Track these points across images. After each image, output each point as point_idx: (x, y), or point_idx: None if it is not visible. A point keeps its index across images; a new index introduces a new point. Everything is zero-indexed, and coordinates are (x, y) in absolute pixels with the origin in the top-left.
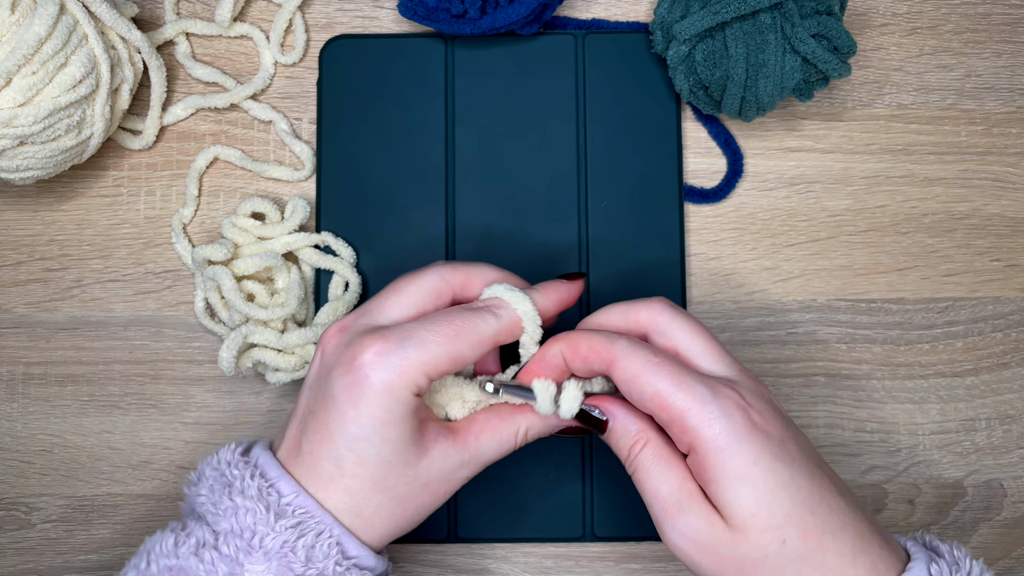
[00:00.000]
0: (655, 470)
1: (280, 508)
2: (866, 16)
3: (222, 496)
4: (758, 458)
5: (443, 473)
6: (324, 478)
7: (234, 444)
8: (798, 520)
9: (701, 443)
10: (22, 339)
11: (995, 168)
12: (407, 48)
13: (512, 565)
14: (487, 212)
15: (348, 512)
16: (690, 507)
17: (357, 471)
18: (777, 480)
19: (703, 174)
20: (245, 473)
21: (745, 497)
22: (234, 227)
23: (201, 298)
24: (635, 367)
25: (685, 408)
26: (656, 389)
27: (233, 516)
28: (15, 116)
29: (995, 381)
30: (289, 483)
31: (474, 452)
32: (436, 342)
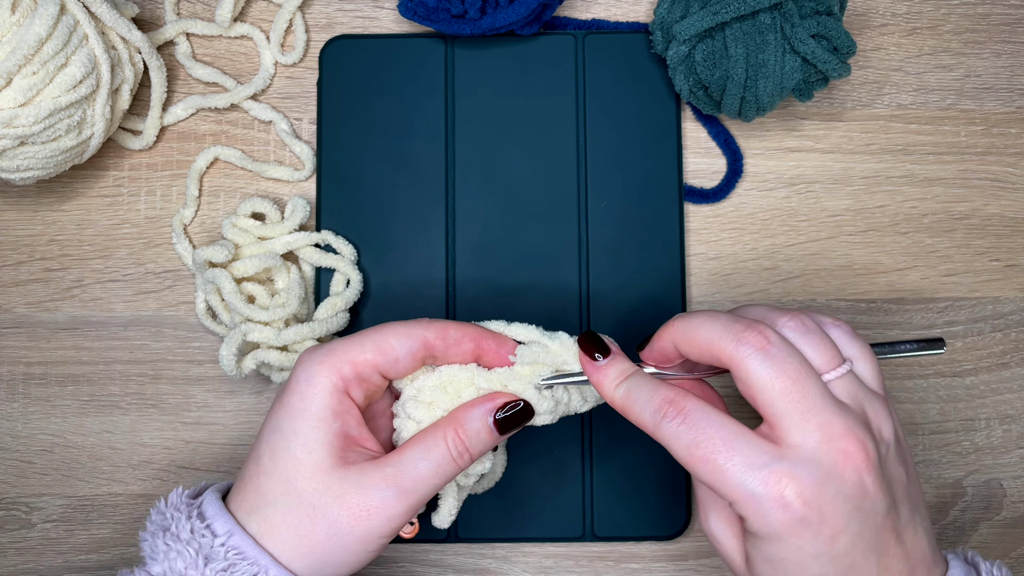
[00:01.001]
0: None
1: (212, 551)
2: (866, 16)
3: (157, 539)
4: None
5: (360, 488)
6: (245, 478)
7: (182, 488)
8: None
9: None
10: (22, 339)
11: (995, 168)
12: (407, 48)
13: (512, 565)
14: (487, 212)
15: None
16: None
17: (269, 467)
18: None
19: (703, 174)
20: (182, 515)
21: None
22: (234, 227)
23: (202, 300)
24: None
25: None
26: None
27: (165, 559)
28: (15, 116)
29: (995, 381)
30: (225, 522)
31: (397, 466)
32: (363, 335)
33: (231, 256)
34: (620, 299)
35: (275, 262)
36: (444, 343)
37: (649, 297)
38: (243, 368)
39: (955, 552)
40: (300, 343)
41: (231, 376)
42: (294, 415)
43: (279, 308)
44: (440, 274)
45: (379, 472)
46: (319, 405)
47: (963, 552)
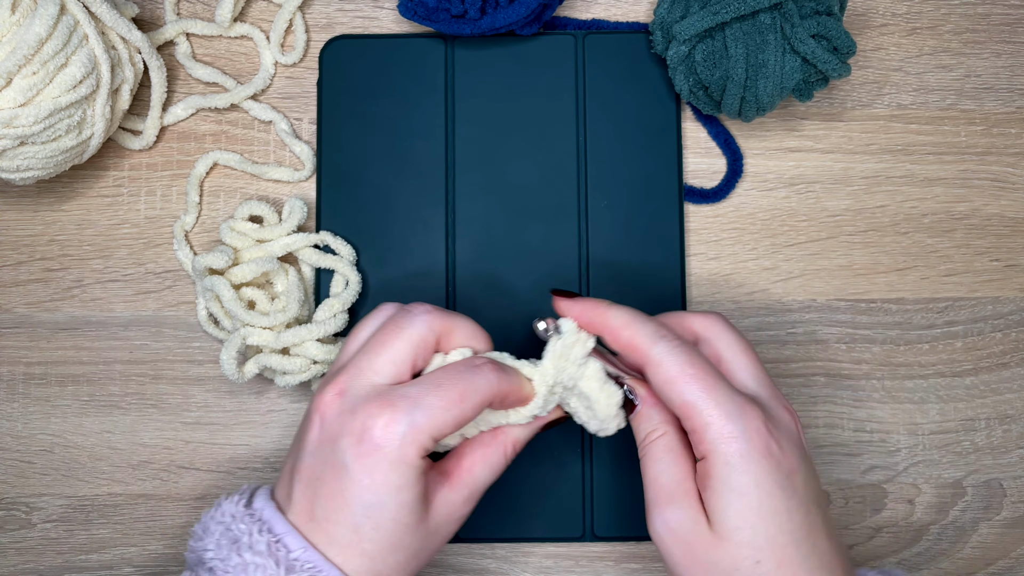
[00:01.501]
0: (663, 459)
1: (290, 563)
2: (866, 16)
3: (230, 552)
4: (760, 481)
5: (448, 516)
6: (342, 543)
7: (236, 496)
8: (779, 548)
9: (714, 456)
10: (22, 339)
11: (995, 168)
12: (407, 48)
13: (512, 565)
14: (487, 212)
15: (367, 572)
16: (681, 501)
17: (374, 535)
18: (772, 506)
19: (703, 174)
20: (252, 528)
21: (735, 510)
22: (232, 231)
23: (203, 307)
24: (670, 374)
25: (708, 422)
26: (685, 399)
27: (243, 572)
28: (16, 116)
29: (994, 381)
30: (296, 538)
31: (471, 486)
32: (442, 407)
33: (231, 262)
34: (620, 299)
35: (273, 266)
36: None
37: (649, 297)
38: (245, 373)
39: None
40: (300, 345)
41: (233, 380)
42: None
43: (279, 313)
44: (440, 274)
45: (459, 496)
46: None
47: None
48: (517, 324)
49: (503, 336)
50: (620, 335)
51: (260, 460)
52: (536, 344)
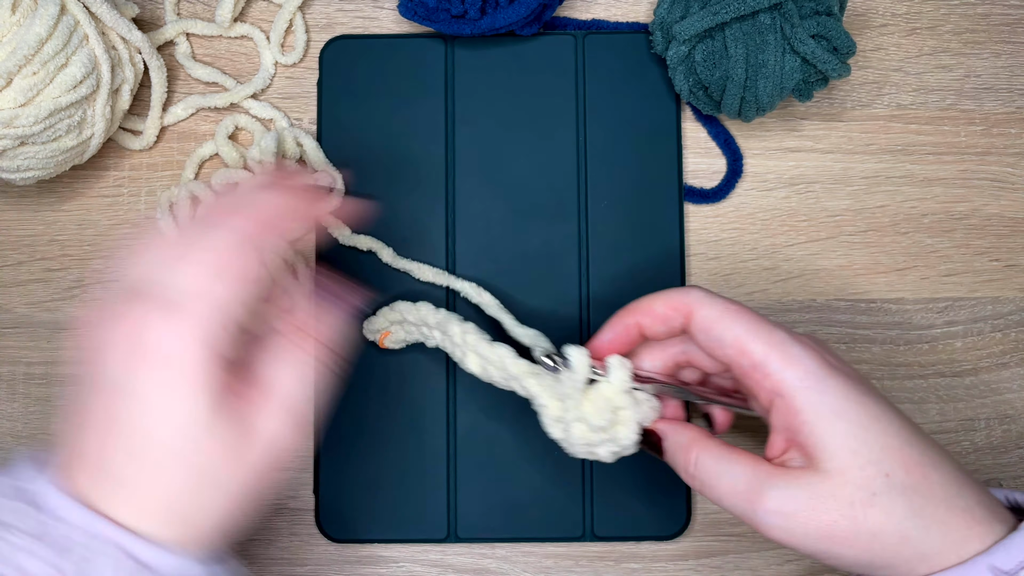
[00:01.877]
0: (721, 470)
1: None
2: (866, 16)
3: None
4: (847, 393)
5: (250, 438)
6: (107, 474)
7: None
8: (897, 452)
9: (787, 385)
10: (23, 339)
11: (994, 168)
12: (407, 48)
13: (512, 565)
14: (487, 212)
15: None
16: (775, 483)
17: (127, 462)
18: (870, 414)
19: (703, 174)
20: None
21: (843, 432)
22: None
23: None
24: (714, 314)
25: (767, 352)
26: (735, 334)
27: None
28: (16, 116)
29: (994, 381)
30: (78, 509)
31: (281, 396)
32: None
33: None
34: (620, 299)
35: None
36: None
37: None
38: None
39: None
40: None
41: None
42: (158, 412)
43: None
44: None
45: (267, 408)
46: (190, 398)
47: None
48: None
49: (502, 334)
50: (655, 309)
51: None
52: None
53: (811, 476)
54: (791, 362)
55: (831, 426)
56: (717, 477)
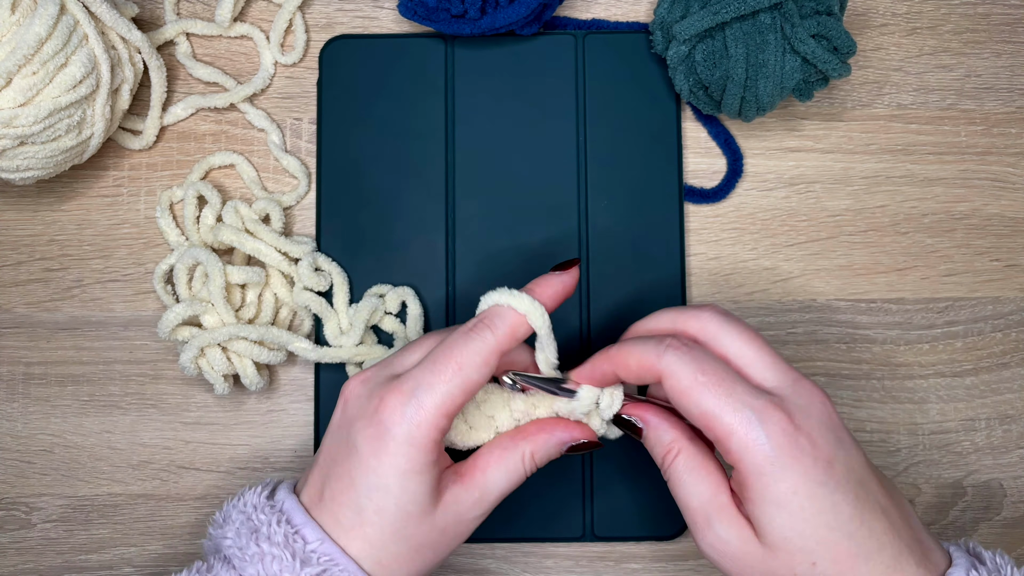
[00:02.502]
0: (687, 480)
1: (305, 555)
2: (866, 16)
3: (249, 541)
4: (799, 485)
5: (458, 516)
6: (345, 526)
7: (259, 487)
8: (832, 545)
9: (743, 466)
10: (22, 339)
11: (995, 168)
12: (407, 48)
13: (512, 565)
14: (487, 212)
15: (368, 559)
16: (720, 519)
17: (376, 520)
18: (816, 507)
19: (703, 174)
20: (272, 519)
21: (780, 522)
22: (235, 213)
23: (167, 265)
24: (683, 385)
25: (730, 432)
26: (702, 410)
27: (260, 562)
28: (15, 116)
29: (995, 381)
30: (314, 530)
31: (483, 488)
32: (443, 381)
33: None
34: (620, 299)
35: (259, 279)
36: (509, 358)
37: (649, 297)
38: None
39: (956, 544)
40: (243, 343)
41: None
42: (401, 475)
43: (246, 325)
44: (440, 274)
45: (470, 497)
46: (423, 463)
47: (964, 543)
48: None
49: None
50: (629, 365)
51: (260, 460)
52: None
53: (749, 533)
54: (749, 448)
55: (771, 513)
56: (682, 485)
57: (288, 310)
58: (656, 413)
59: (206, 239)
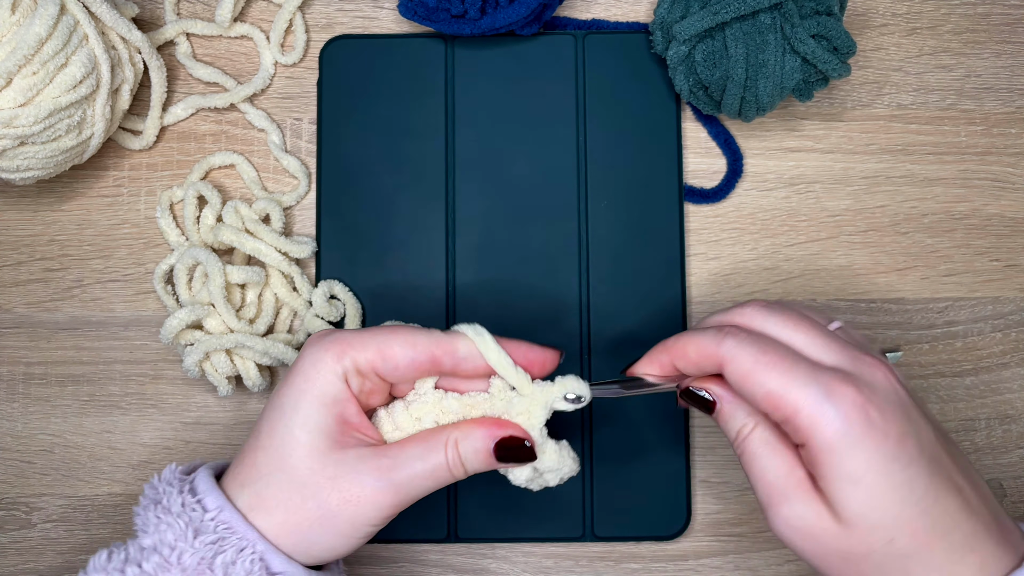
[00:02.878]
0: (763, 455)
1: (202, 524)
2: (866, 16)
3: (149, 512)
4: (872, 460)
5: (356, 474)
6: (243, 454)
7: (175, 464)
8: (908, 521)
9: (814, 443)
10: (22, 339)
11: (995, 168)
12: (407, 48)
13: (512, 565)
14: (487, 212)
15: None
16: (796, 496)
17: (266, 443)
18: (891, 482)
19: (703, 174)
20: (174, 489)
21: (855, 499)
22: (235, 213)
23: (167, 265)
24: (744, 367)
25: (797, 409)
26: (767, 390)
27: (156, 532)
28: (15, 116)
29: (994, 381)
30: (216, 498)
31: (393, 459)
32: (370, 333)
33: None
34: (620, 299)
35: (258, 279)
36: (452, 360)
37: (649, 297)
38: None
39: None
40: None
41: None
42: (297, 395)
43: (245, 323)
44: (440, 274)
45: (375, 461)
46: (321, 389)
47: None
48: (516, 323)
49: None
50: (688, 354)
51: None
52: None
53: (824, 511)
54: (818, 424)
55: (846, 490)
56: (756, 458)
57: (289, 310)
58: (728, 389)
59: (206, 239)
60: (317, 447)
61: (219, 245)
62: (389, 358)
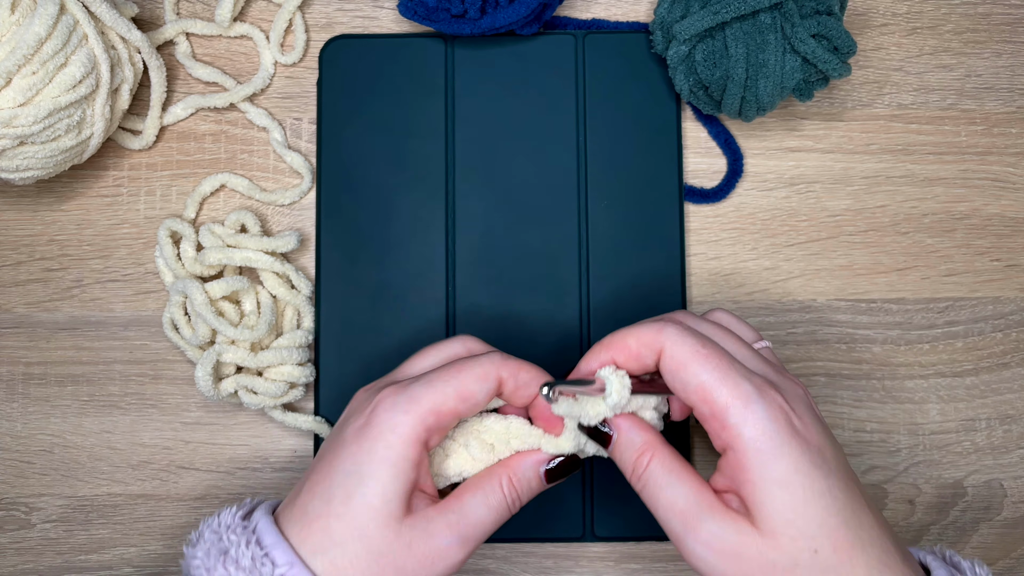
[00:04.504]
0: (668, 483)
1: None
2: (866, 16)
3: (216, 562)
4: (798, 464)
5: (428, 535)
6: (310, 516)
7: (236, 506)
8: (831, 531)
9: (741, 443)
10: (22, 339)
11: (995, 168)
12: (407, 48)
13: (512, 565)
14: (487, 212)
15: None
16: (712, 516)
17: (341, 510)
18: (815, 489)
19: (703, 174)
20: (242, 539)
21: (783, 503)
22: (211, 234)
23: (168, 315)
24: (683, 356)
25: (728, 404)
26: (700, 381)
27: None
28: (15, 116)
29: (995, 381)
30: (284, 552)
31: (459, 512)
32: (441, 379)
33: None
34: (620, 299)
35: (242, 285)
36: (514, 384)
37: (649, 297)
38: (221, 390)
39: (932, 551)
40: (277, 367)
41: (209, 397)
42: (375, 462)
43: (247, 330)
44: (440, 274)
45: (444, 520)
46: (402, 456)
47: (940, 550)
48: (516, 323)
49: (502, 335)
50: (629, 345)
51: (260, 460)
52: None
53: (745, 525)
54: (749, 421)
55: (773, 493)
56: (660, 488)
57: (292, 310)
58: (625, 418)
59: (194, 271)
60: (392, 515)
61: (210, 269)
62: (469, 398)
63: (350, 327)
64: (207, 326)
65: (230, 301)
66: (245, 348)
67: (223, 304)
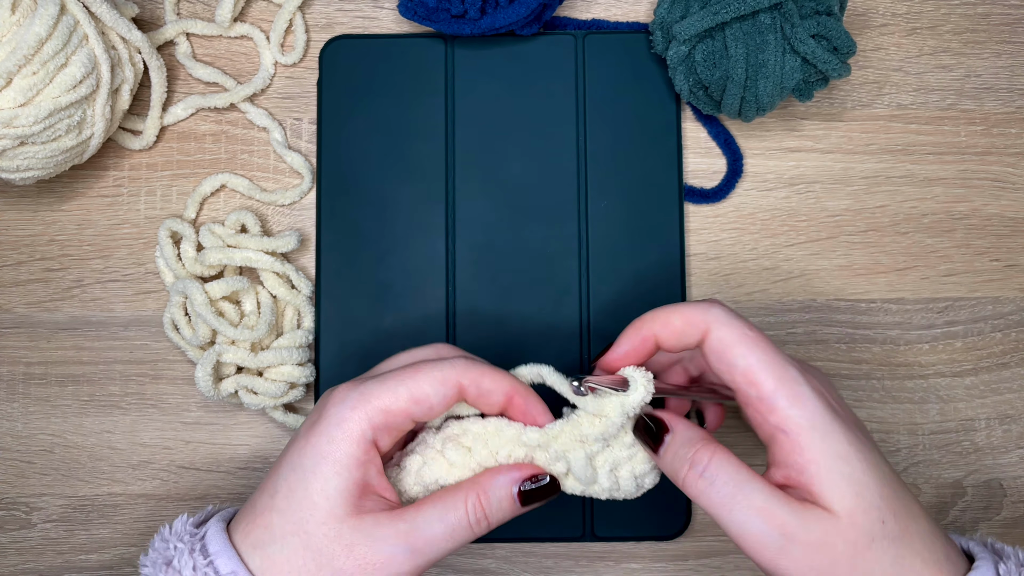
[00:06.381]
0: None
1: None
2: (866, 16)
3: (160, 571)
4: (849, 439)
5: (372, 541)
6: (256, 511)
7: (187, 514)
8: (890, 501)
9: (793, 424)
10: (22, 339)
11: (995, 168)
12: (407, 48)
13: (512, 565)
14: (487, 212)
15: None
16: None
17: (283, 505)
18: (868, 461)
19: (703, 174)
20: (186, 548)
21: (849, 477)
22: (211, 234)
23: (168, 316)
24: (731, 337)
25: (776, 387)
26: (748, 363)
27: None
28: (15, 116)
29: (995, 381)
30: (228, 560)
31: (411, 523)
32: (396, 379)
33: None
34: (620, 299)
35: (242, 285)
36: (477, 391)
37: (649, 297)
38: (221, 390)
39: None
40: (277, 367)
41: (208, 397)
42: (318, 457)
43: (247, 330)
44: (440, 274)
45: (392, 527)
46: (345, 452)
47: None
48: (516, 323)
49: (502, 335)
50: (673, 323)
51: (260, 460)
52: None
53: (821, 512)
54: (798, 402)
55: (837, 469)
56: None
57: (293, 309)
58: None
59: (195, 271)
60: (335, 513)
61: (211, 269)
62: (423, 400)
63: (350, 327)
64: (207, 326)
65: (230, 301)
66: (245, 348)
67: (223, 304)
